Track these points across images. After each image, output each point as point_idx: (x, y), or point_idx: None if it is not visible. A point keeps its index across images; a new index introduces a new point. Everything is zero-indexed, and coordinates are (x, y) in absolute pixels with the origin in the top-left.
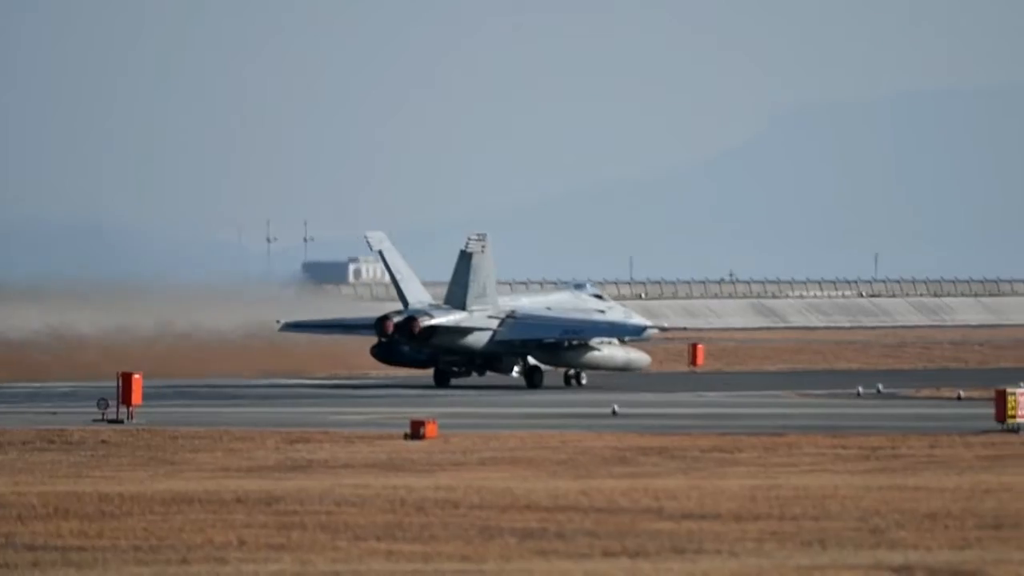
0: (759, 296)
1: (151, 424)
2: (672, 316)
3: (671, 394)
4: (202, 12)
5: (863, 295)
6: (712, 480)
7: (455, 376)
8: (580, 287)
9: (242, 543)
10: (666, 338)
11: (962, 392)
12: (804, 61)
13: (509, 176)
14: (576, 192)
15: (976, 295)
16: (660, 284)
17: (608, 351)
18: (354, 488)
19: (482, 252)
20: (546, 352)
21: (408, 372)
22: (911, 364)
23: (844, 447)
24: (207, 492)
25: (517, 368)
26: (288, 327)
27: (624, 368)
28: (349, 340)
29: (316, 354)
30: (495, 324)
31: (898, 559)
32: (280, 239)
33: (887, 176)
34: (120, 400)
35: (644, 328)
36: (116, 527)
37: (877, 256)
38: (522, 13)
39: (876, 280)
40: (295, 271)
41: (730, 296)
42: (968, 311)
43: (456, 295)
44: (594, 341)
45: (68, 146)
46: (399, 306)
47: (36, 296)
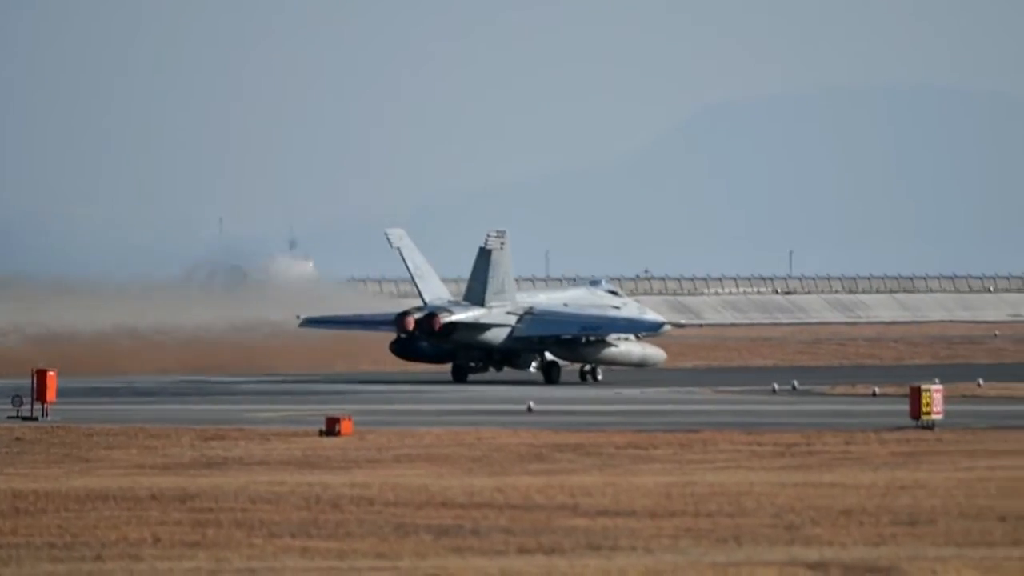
0: (675, 293)
1: (66, 421)
2: None
3: (586, 390)
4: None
5: (778, 292)
6: (627, 477)
7: (473, 372)
8: (596, 283)
9: (157, 540)
10: None
11: (877, 389)
12: (722, 60)
13: (429, 172)
14: (498, 185)
15: (891, 292)
16: (575, 280)
17: (625, 347)
18: (269, 485)
19: (501, 249)
20: (564, 348)
21: (425, 368)
22: (826, 361)
23: (759, 444)
24: (122, 489)
25: (535, 364)
26: (307, 323)
27: (640, 364)
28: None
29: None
30: (514, 320)
31: (813, 556)
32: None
33: (803, 174)
34: (35, 397)
35: (661, 324)
36: (30, 524)
37: (792, 253)
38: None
39: (791, 277)
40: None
41: (646, 293)
42: (883, 308)
43: (475, 291)
44: (611, 337)
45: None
46: (417, 302)
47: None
